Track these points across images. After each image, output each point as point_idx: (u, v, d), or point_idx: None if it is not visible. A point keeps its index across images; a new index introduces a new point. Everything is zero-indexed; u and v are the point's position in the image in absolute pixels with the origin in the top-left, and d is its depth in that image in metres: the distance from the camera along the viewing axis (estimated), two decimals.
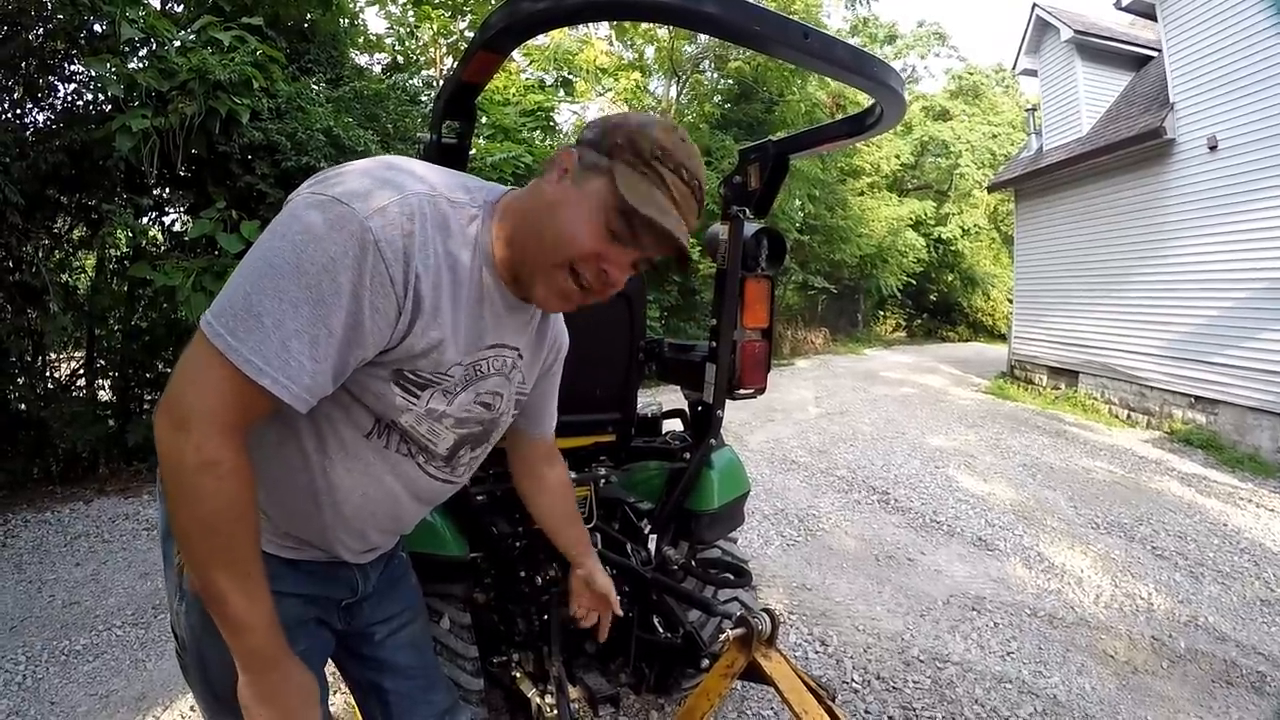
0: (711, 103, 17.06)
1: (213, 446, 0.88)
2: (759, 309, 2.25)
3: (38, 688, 2.91)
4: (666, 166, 1.02)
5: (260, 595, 0.96)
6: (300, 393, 0.91)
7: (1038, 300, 12.84)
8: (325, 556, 1.20)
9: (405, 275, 0.94)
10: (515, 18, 1.25)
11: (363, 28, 8.80)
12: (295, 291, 0.87)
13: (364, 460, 1.10)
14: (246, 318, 0.87)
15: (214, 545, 0.92)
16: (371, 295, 0.91)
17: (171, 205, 6.30)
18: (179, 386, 0.90)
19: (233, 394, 0.88)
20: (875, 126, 1.75)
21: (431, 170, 1.05)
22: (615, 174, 1.00)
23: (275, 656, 0.99)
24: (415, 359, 1.02)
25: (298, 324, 0.88)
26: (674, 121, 1.07)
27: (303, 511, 1.12)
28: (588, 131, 1.07)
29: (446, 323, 1.02)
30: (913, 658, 3.29)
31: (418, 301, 0.97)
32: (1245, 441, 8.04)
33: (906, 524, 5.22)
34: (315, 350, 0.90)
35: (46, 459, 5.59)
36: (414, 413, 1.08)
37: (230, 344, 0.87)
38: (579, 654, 2.20)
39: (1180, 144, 9.18)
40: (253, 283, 0.88)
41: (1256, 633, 3.71)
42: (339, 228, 0.89)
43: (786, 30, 1.24)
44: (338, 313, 0.90)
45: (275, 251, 0.89)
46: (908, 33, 27.62)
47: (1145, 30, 11.55)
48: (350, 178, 0.95)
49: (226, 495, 0.90)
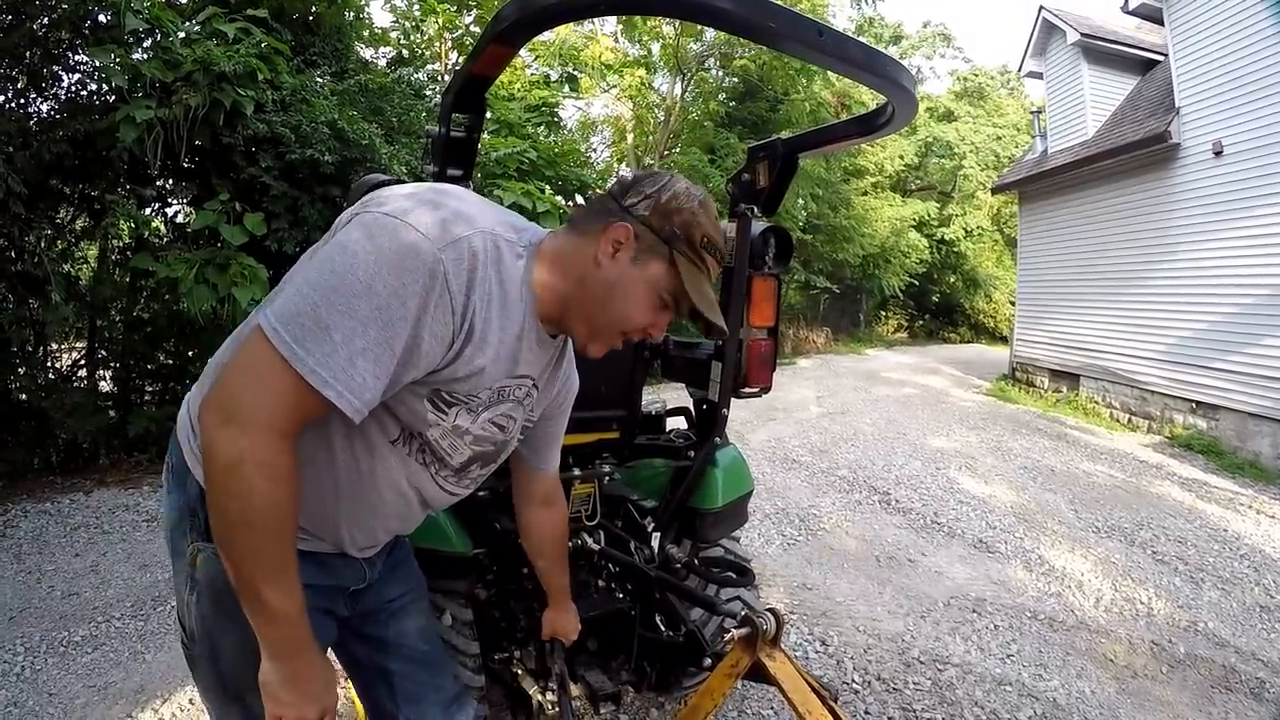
0: (716, 100, 17.05)
1: (268, 449, 0.92)
2: (765, 307, 2.24)
3: (36, 679, 2.90)
4: (711, 255, 1.16)
5: (294, 587, 1.00)
6: (361, 406, 0.97)
7: (1040, 303, 12.83)
8: (336, 549, 1.24)
9: (465, 306, 1.01)
10: (528, 11, 1.24)
11: (368, 21, 8.76)
12: (366, 311, 0.92)
13: (386, 464, 1.15)
14: (315, 329, 0.91)
15: (257, 542, 0.95)
16: (432, 322, 0.98)
17: (174, 196, 6.28)
18: (235, 386, 0.94)
19: (293, 401, 0.93)
20: (886, 126, 1.74)
21: (483, 205, 1.12)
22: (677, 264, 1.13)
23: (304, 644, 1.04)
24: (456, 382, 1.09)
25: (365, 342, 0.93)
26: (703, 192, 1.19)
27: (321, 506, 1.15)
28: (641, 206, 1.14)
29: (490, 352, 1.08)
30: (913, 659, 3.29)
31: (470, 332, 1.04)
32: (1246, 447, 8.03)
33: (907, 525, 5.21)
34: (378, 368, 0.95)
35: (47, 449, 5.57)
36: (441, 428, 1.14)
37: (297, 353, 0.91)
38: (580, 651, 2.19)
39: (1185, 149, 9.16)
40: (323, 295, 0.93)
41: (1256, 639, 3.71)
42: (414, 255, 0.94)
43: (800, 27, 1.23)
44: (401, 335, 0.95)
45: (347, 268, 0.93)
46: (913, 33, 27.59)
47: (1152, 34, 11.52)
48: (419, 207, 1.00)
49: (276, 496, 0.94)
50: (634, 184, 1.17)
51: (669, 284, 1.14)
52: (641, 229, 1.13)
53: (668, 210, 1.13)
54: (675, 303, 1.16)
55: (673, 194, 1.14)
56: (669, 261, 1.13)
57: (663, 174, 1.18)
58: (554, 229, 1.22)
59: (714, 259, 1.17)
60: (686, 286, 1.12)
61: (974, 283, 27.49)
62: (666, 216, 1.13)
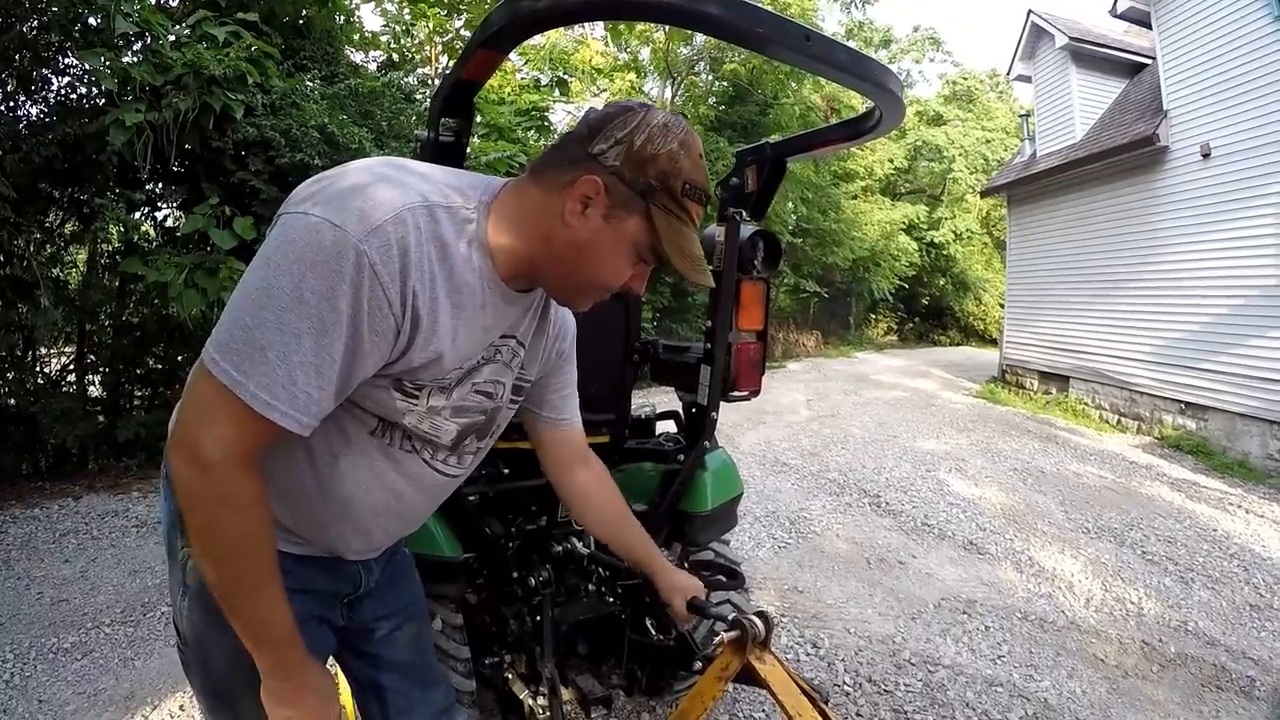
0: (706, 104, 17.07)
1: (229, 483, 0.90)
2: (754, 311, 2.25)
3: (25, 685, 2.88)
4: (695, 201, 1.04)
5: (280, 608, 0.99)
6: (309, 421, 0.93)
7: (1029, 305, 12.89)
8: (330, 554, 1.21)
9: (402, 295, 0.93)
10: (516, 16, 1.24)
11: (358, 24, 8.75)
12: (297, 323, 0.87)
13: (369, 458, 1.11)
14: (250, 351, 0.87)
15: (236, 571, 0.95)
16: (370, 319, 0.91)
17: (164, 200, 6.26)
18: (190, 423, 0.91)
19: (245, 428, 0.89)
20: (873, 131, 1.75)
21: (428, 172, 1.03)
22: (653, 219, 1.02)
23: (297, 663, 1.03)
24: (415, 371, 1.03)
25: (302, 356, 0.88)
26: (684, 126, 1.06)
27: (307, 508, 1.13)
28: (611, 154, 1.01)
29: (445, 334, 1.02)
30: (904, 661, 3.30)
31: (416, 319, 0.97)
32: (1235, 447, 8.09)
33: (898, 527, 5.23)
34: (320, 379, 0.91)
35: (35, 454, 5.55)
36: (416, 413, 1.09)
37: (237, 379, 0.87)
38: (571, 655, 2.19)
39: (1173, 151, 9.23)
40: (252, 315, 0.88)
41: (1246, 637, 3.73)
42: (335, 253, 0.87)
43: (787, 32, 1.23)
44: (339, 340, 0.90)
45: (272, 282, 0.88)
46: (903, 37, 27.74)
47: (1140, 38, 11.61)
48: (342, 192, 0.93)
49: (245, 524, 0.93)
50: (603, 126, 1.02)
51: (647, 239, 1.04)
52: (613, 181, 1.00)
53: (642, 158, 1.00)
54: (655, 257, 1.06)
55: (647, 136, 1.01)
56: (645, 216, 1.02)
57: (635, 109, 1.04)
58: (513, 179, 1.10)
59: (697, 204, 1.05)
60: (666, 244, 1.03)
61: (963, 285, 27.60)
62: (641, 166, 1.00)
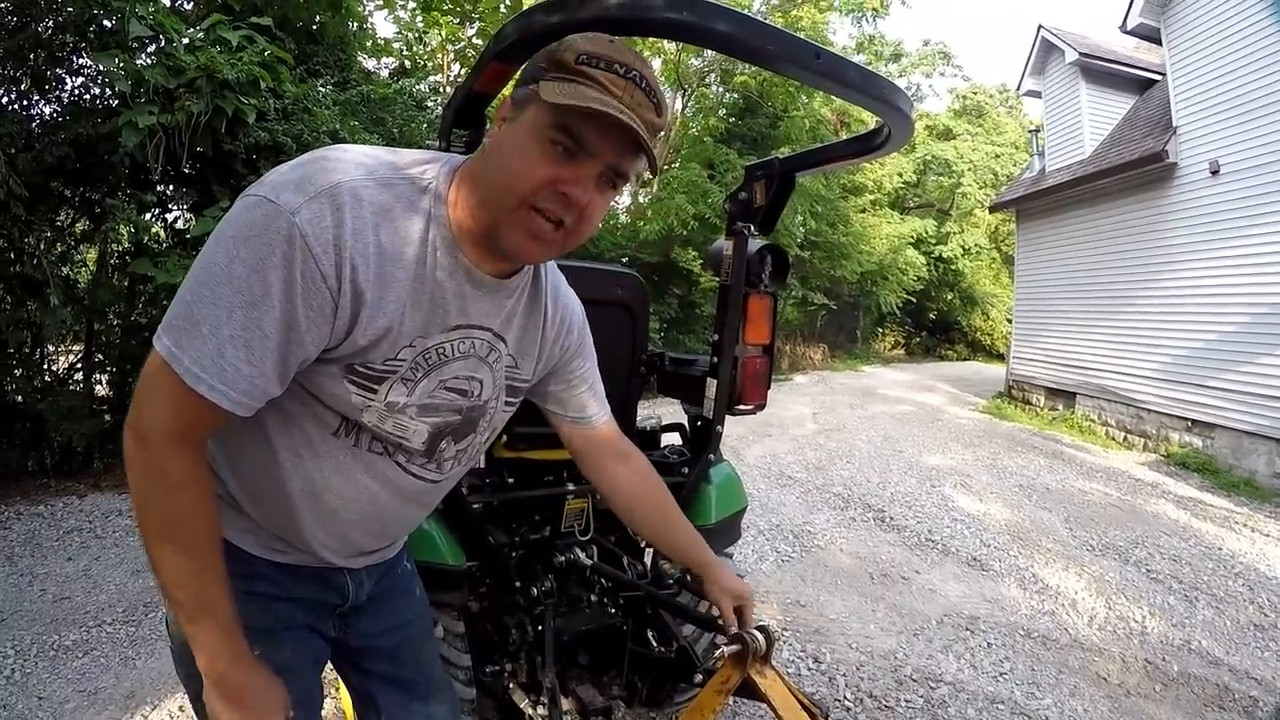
0: (716, 116, 17.10)
1: (163, 459, 0.90)
2: (761, 325, 2.25)
3: (26, 682, 2.89)
4: (596, 67, 0.91)
5: (215, 598, 0.97)
6: (240, 398, 0.89)
7: (1037, 321, 12.86)
8: (314, 561, 1.18)
9: (338, 268, 0.89)
10: (529, 29, 1.25)
11: (371, 31, 8.84)
12: (229, 296, 0.85)
13: (334, 459, 1.07)
14: (187, 326, 0.87)
15: (166, 552, 0.94)
16: (304, 293, 0.88)
17: (175, 202, 6.30)
18: (139, 403, 0.91)
19: (180, 405, 0.89)
20: (882, 147, 1.75)
21: (377, 152, 0.99)
22: (540, 92, 0.91)
23: (233, 657, 0.99)
24: (364, 352, 0.97)
25: (231, 329, 0.86)
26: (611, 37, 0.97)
27: (280, 511, 1.11)
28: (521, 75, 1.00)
29: (392, 310, 0.96)
30: (905, 676, 3.29)
31: (357, 294, 0.92)
32: (1241, 465, 8.05)
33: (901, 542, 5.21)
34: (250, 354, 0.88)
35: (41, 452, 5.58)
36: (375, 409, 1.03)
37: (174, 353, 0.87)
38: (572, 665, 2.19)
39: (1182, 168, 9.22)
40: (192, 291, 0.87)
41: (1249, 657, 3.71)
42: (266, 226, 0.86)
43: (798, 50, 1.24)
44: (270, 314, 0.87)
45: (210, 258, 0.87)
46: (913, 51, 27.72)
47: (1150, 54, 11.62)
48: (286, 170, 0.92)
49: (179, 504, 0.93)
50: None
51: (546, 118, 0.91)
52: (515, 89, 0.97)
53: (539, 56, 0.97)
54: (569, 135, 0.91)
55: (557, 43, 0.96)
56: (538, 97, 0.91)
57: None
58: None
59: (605, 70, 0.91)
60: (553, 99, 0.88)
61: (971, 300, 27.56)
62: (534, 60, 0.97)
